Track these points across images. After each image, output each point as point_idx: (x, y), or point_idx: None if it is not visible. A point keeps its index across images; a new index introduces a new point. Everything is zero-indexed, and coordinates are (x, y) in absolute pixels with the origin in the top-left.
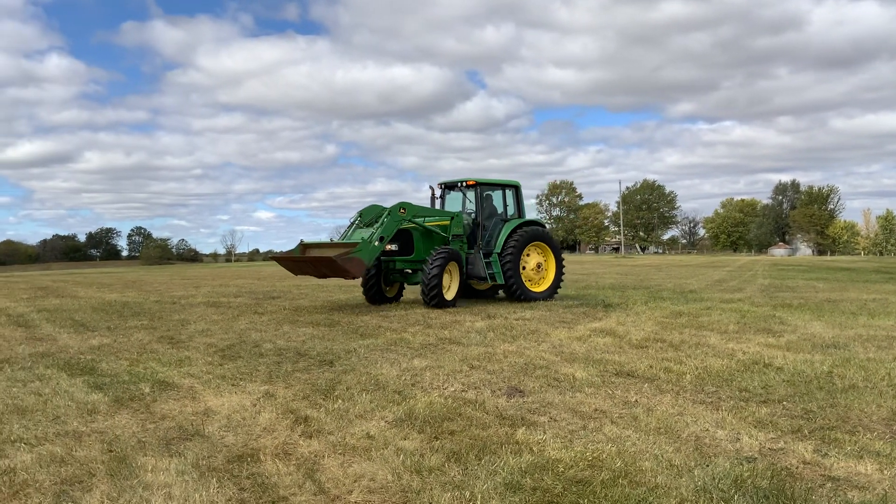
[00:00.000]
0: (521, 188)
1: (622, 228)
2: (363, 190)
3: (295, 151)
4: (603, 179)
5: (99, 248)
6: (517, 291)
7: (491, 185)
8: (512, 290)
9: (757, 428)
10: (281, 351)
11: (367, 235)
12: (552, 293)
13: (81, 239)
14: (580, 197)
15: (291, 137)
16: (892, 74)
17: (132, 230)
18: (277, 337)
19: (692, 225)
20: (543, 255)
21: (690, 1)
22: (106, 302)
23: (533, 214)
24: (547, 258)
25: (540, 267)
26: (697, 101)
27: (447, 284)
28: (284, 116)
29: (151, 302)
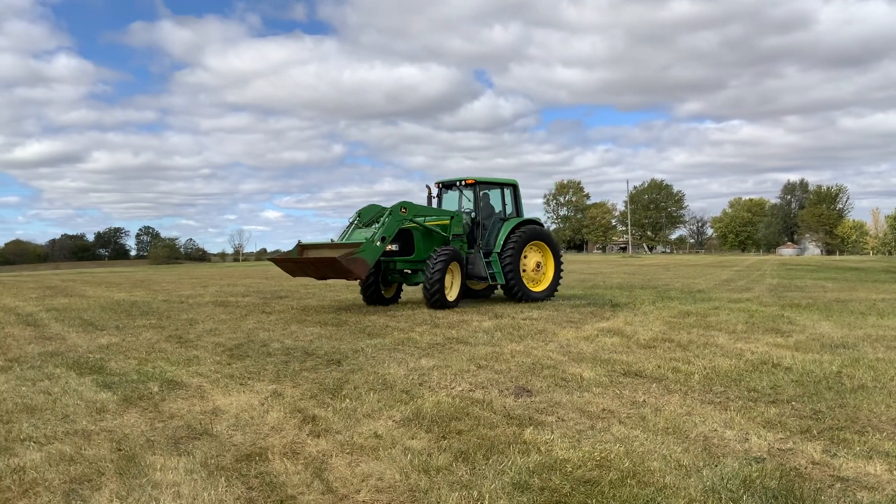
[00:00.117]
0: (518, 187)
1: (630, 228)
2: (370, 189)
3: (302, 151)
4: (611, 179)
5: (107, 247)
6: (517, 291)
7: (489, 183)
8: (512, 290)
9: (766, 428)
10: (289, 350)
11: (367, 235)
12: (551, 292)
13: (90, 238)
14: (587, 196)
15: (299, 137)
16: None
17: (140, 230)
18: (285, 336)
19: (700, 224)
20: (542, 254)
21: (699, 0)
22: (114, 301)
23: (539, 214)
24: (546, 257)
25: (539, 266)
26: (705, 100)
27: (449, 285)
28: (292, 116)
29: (160, 301)
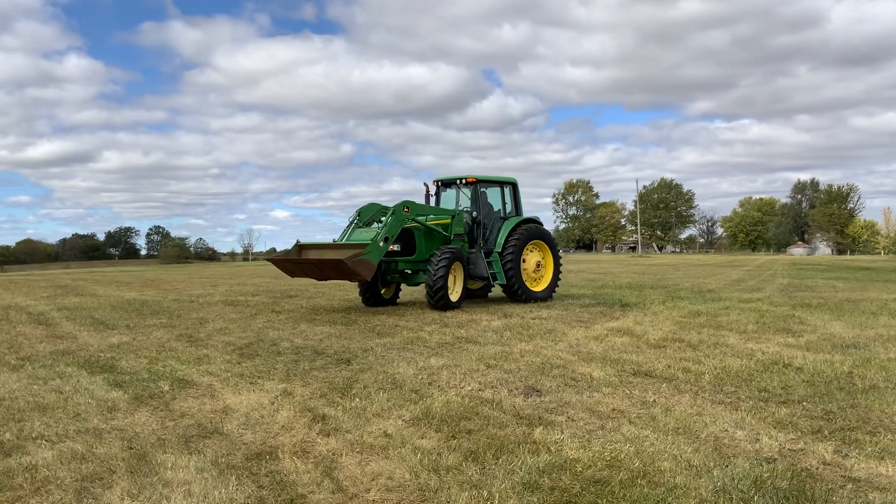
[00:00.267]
0: (518, 185)
1: (639, 227)
2: (379, 189)
3: (311, 151)
4: (620, 178)
5: (118, 246)
6: (518, 291)
7: (489, 182)
8: (513, 290)
9: (776, 428)
10: (298, 349)
11: (368, 235)
12: (551, 292)
13: (100, 238)
14: (597, 196)
15: (308, 137)
16: None
17: (150, 229)
18: (295, 335)
19: (710, 224)
20: (542, 253)
21: None
22: (125, 300)
23: (548, 213)
24: (546, 257)
25: (539, 266)
26: (715, 99)
27: (451, 285)
28: (301, 116)
29: (170, 300)
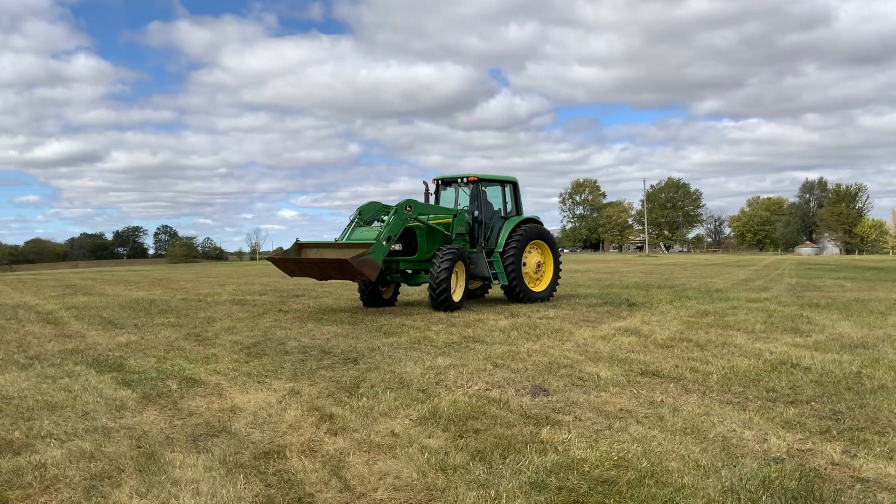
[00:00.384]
0: (518, 184)
1: (646, 227)
2: (386, 189)
3: (318, 150)
4: (627, 178)
5: (126, 246)
6: (519, 292)
7: (490, 180)
8: (514, 290)
9: (785, 428)
10: (306, 348)
11: (371, 234)
12: (551, 292)
13: (109, 237)
14: (604, 195)
15: (315, 136)
16: None
17: (158, 229)
18: (302, 335)
19: (718, 223)
20: (542, 253)
21: None
22: (133, 300)
23: (555, 213)
24: (546, 257)
25: (540, 266)
26: (723, 98)
27: (454, 285)
28: (308, 116)
29: (178, 300)
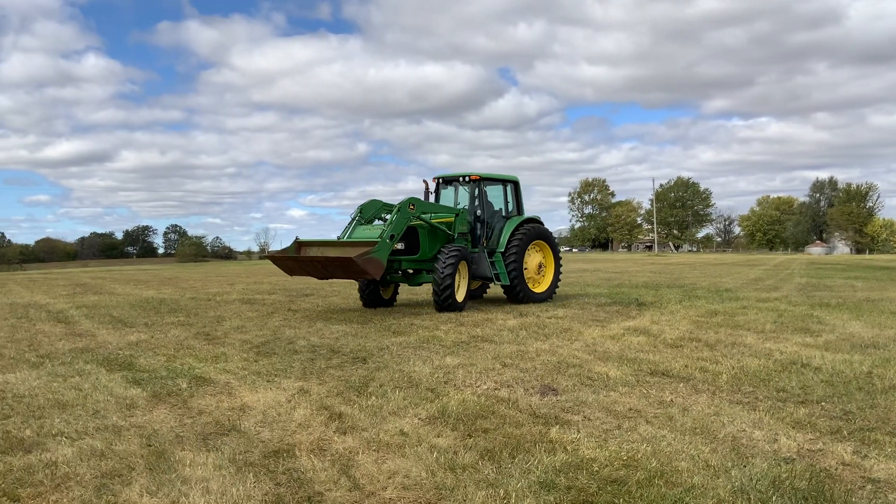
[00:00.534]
0: (519, 183)
1: (655, 226)
2: (394, 188)
3: (327, 150)
4: (636, 177)
5: (135, 245)
6: (520, 293)
7: (491, 179)
8: (515, 291)
9: (795, 429)
10: (315, 348)
11: (373, 233)
12: (551, 293)
13: (118, 236)
14: (613, 195)
15: (323, 136)
16: None
17: (168, 228)
18: (311, 334)
19: (727, 223)
20: (543, 254)
21: None
22: (143, 299)
23: (563, 212)
24: (547, 257)
25: (541, 267)
26: (733, 97)
27: (457, 286)
28: (317, 115)
29: (187, 299)
